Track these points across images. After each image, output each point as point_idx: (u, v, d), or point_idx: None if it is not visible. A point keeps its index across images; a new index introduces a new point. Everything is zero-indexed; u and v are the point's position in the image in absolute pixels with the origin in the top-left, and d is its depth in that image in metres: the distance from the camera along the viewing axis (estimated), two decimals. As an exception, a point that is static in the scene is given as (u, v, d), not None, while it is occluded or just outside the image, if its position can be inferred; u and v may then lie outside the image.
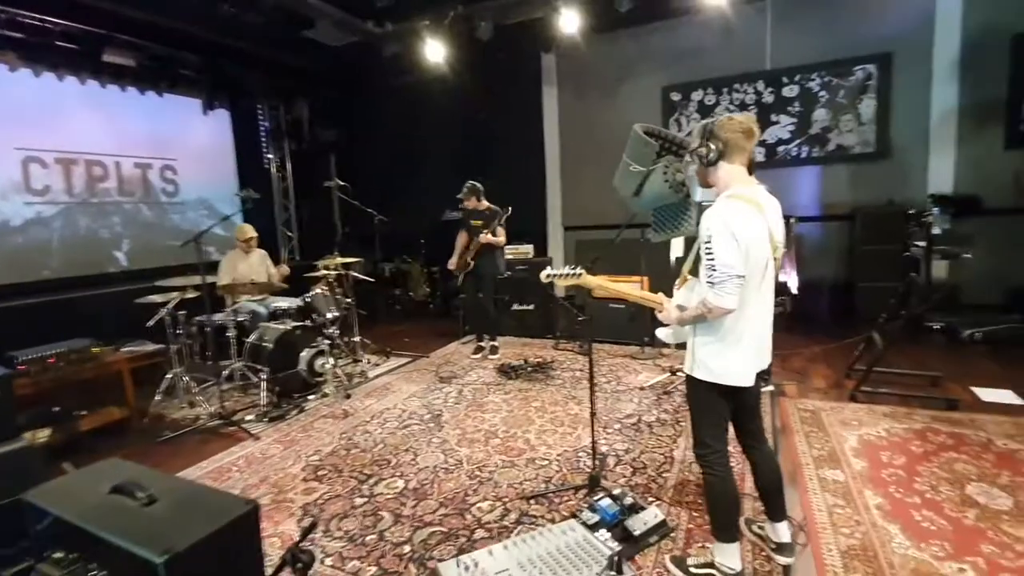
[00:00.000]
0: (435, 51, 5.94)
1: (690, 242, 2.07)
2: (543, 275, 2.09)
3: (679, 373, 4.15)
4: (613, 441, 3.16)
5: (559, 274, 2.06)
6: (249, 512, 1.37)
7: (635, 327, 5.15)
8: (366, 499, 2.66)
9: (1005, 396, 3.51)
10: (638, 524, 2.14)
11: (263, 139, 7.88)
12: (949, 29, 5.47)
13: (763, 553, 2.08)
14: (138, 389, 4.02)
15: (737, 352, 1.81)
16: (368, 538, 2.34)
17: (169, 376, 4.00)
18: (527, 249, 5.98)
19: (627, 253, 5.08)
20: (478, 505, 2.53)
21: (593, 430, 2.64)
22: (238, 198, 6.45)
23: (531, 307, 5.83)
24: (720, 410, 1.88)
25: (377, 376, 4.65)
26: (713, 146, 1.79)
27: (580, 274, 2.06)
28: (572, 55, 7.03)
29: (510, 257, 5.95)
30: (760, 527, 2.13)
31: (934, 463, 2.70)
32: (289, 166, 8.13)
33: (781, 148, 6.24)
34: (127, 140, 6.12)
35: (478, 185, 5.03)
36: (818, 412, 3.42)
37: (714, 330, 1.80)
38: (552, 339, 5.61)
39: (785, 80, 6.16)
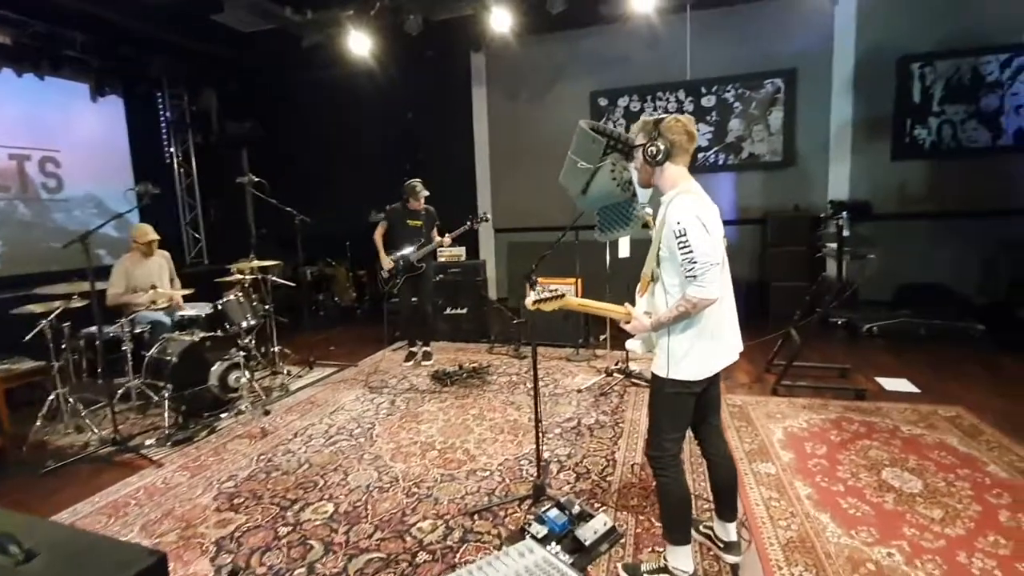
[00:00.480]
0: (360, 43, 5.66)
1: (638, 243, 2.04)
2: (528, 303, 1.97)
3: (615, 374, 4.19)
4: (554, 446, 3.11)
5: (543, 299, 1.96)
6: (153, 566, 1.14)
7: (569, 328, 5.17)
8: (291, 528, 2.41)
9: (903, 385, 3.84)
10: (588, 533, 2.09)
11: (164, 130, 7.16)
12: (845, 49, 5.99)
13: (711, 553, 2.09)
14: (15, 413, 3.51)
15: (718, 341, 1.84)
16: (296, 572, 2.11)
17: (52, 397, 3.47)
18: (459, 251, 5.84)
19: (561, 255, 5.10)
20: (418, 525, 2.36)
21: (538, 438, 2.56)
22: (133, 194, 5.79)
23: (464, 310, 5.70)
24: (687, 412, 1.87)
25: (299, 389, 4.32)
26: (662, 146, 1.78)
27: (563, 295, 1.97)
28: (502, 55, 6.99)
29: (442, 260, 5.79)
30: (707, 527, 2.14)
31: (851, 451, 2.88)
32: (194, 161, 7.44)
33: (700, 155, 6.54)
34: (0, 128, 5.33)
35: None
36: (745, 407, 3.57)
37: (694, 325, 1.79)
38: (486, 343, 5.50)
39: (703, 90, 6.47)
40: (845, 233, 3.66)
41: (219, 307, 4.02)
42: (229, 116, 7.67)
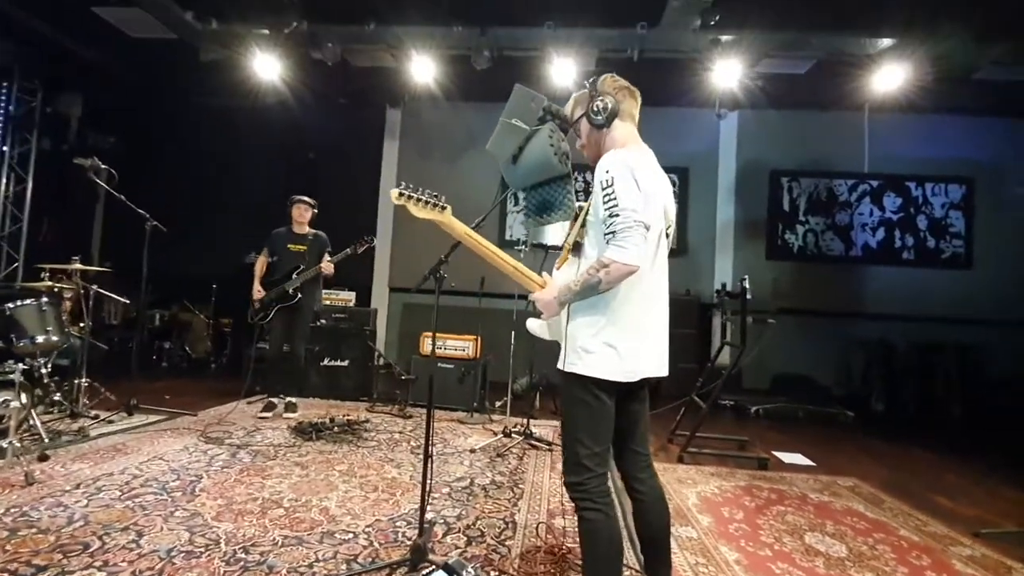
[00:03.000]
0: (268, 67, 5.25)
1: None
2: (393, 193, 1.53)
3: (513, 435, 3.71)
4: (441, 507, 2.50)
5: (417, 197, 1.52)
6: None
7: (464, 391, 4.66)
8: (24, 610, 1.54)
9: (799, 459, 3.79)
10: (485, 602, 1.52)
11: (0, 125, 5.96)
12: (728, 157, 6.71)
13: (640, 627, 1.61)
14: None
15: (639, 338, 1.46)
16: None
17: None
18: (348, 296, 5.21)
19: (462, 316, 4.87)
20: (237, 600, 1.62)
21: (425, 475, 1.97)
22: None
23: (345, 363, 4.95)
24: (605, 420, 1.46)
25: (103, 435, 3.26)
26: (608, 102, 1.56)
27: (445, 208, 1.55)
28: (419, 114, 6.96)
29: (327, 303, 5.12)
30: (635, 590, 1.68)
31: (769, 516, 2.62)
32: (33, 167, 6.21)
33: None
34: None
35: None
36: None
37: (603, 306, 1.44)
38: (366, 401, 4.76)
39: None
40: (748, 297, 3.72)
41: (7, 312, 3.00)
42: (92, 126, 6.66)
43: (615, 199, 1.36)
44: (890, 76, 4.78)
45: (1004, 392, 5.84)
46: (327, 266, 4.09)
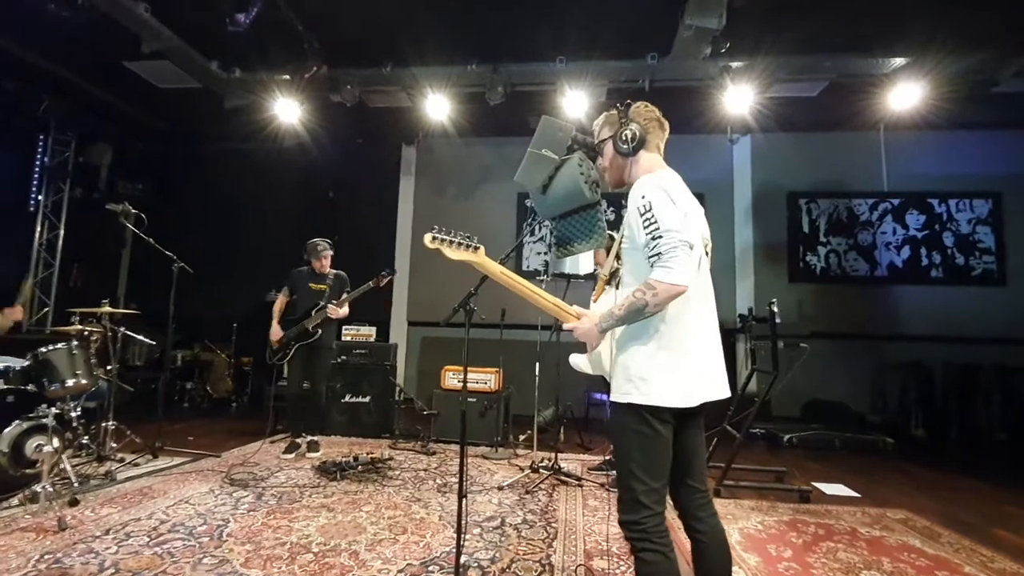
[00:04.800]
0: (288, 111, 5.42)
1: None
2: (427, 238, 1.52)
3: (541, 471, 3.60)
4: (473, 549, 2.41)
5: (450, 240, 1.51)
6: None
7: (486, 425, 4.57)
8: (52, 668, 1.49)
9: (842, 490, 3.62)
10: (532, 654, 1.43)
11: (36, 176, 6.20)
12: (743, 182, 6.69)
13: None
14: None
15: (697, 361, 1.41)
16: None
17: None
18: (369, 331, 5.20)
19: (480, 347, 4.76)
20: (271, 654, 1.55)
21: (460, 515, 1.90)
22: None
23: (367, 399, 4.90)
24: (663, 452, 1.40)
25: (130, 478, 3.24)
26: (636, 130, 1.55)
27: (478, 248, 1.54)
28: (434, 150, 7.09)
29: (347, 339, 5.11)
30: (690, 639, 1.57)
31: (819, 553, 2.48)
32: (65, 215, 6.41)
33: (621, 263, 6.71)
34: None
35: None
36: (689, 508, 3.10)
37: (653, 330, 1.39)
38: (388, 438, 4.69)
39: (624, 203, 6.83)
40: (777, 320, 3.63)
41: (40, 357, 3.03)
42: (122, 175, 6.89)
43: (655, 222, 1.35)
44: (906, 94, 4.76)
45: (1050, 414, 5.58)
46: (332, 310, 4.05)
